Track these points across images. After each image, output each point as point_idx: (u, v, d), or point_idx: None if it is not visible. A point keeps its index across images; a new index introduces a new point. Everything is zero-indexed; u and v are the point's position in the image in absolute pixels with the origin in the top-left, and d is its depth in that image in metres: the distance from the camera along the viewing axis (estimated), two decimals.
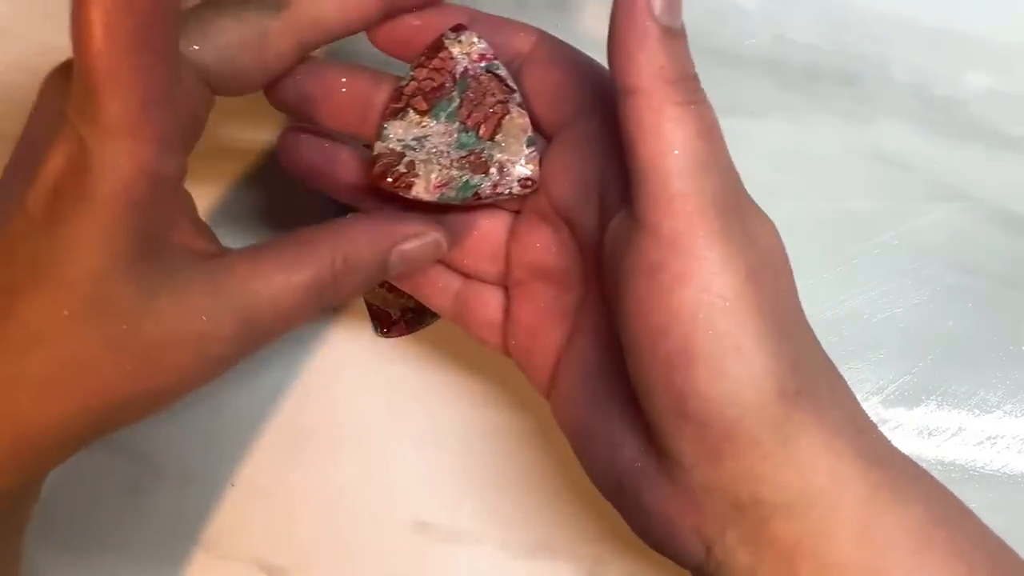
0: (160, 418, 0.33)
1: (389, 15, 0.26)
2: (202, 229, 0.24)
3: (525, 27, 0.27)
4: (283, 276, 0.23)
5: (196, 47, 0.23)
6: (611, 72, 0.21)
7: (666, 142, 0.20)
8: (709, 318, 0.20)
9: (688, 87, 0.21)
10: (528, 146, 0.26)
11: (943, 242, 0.34)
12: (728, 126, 0.22)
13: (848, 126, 0.35)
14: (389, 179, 0.25)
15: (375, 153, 0.26)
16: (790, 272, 0.22)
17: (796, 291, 0.22)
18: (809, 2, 0.35)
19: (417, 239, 0.25)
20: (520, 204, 0.27)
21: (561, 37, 0.27)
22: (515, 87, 0.26)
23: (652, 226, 0.21)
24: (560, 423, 0.26)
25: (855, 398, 0.23)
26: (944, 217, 0.34)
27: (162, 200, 0.22)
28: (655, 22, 0.20)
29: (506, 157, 0.25)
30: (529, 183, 0.26)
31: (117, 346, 0.21)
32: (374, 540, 0.33)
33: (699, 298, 0.20)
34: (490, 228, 0.28)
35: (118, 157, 0.20)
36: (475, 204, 0.26)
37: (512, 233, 0.27)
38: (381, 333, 0.33)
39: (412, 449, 0.33)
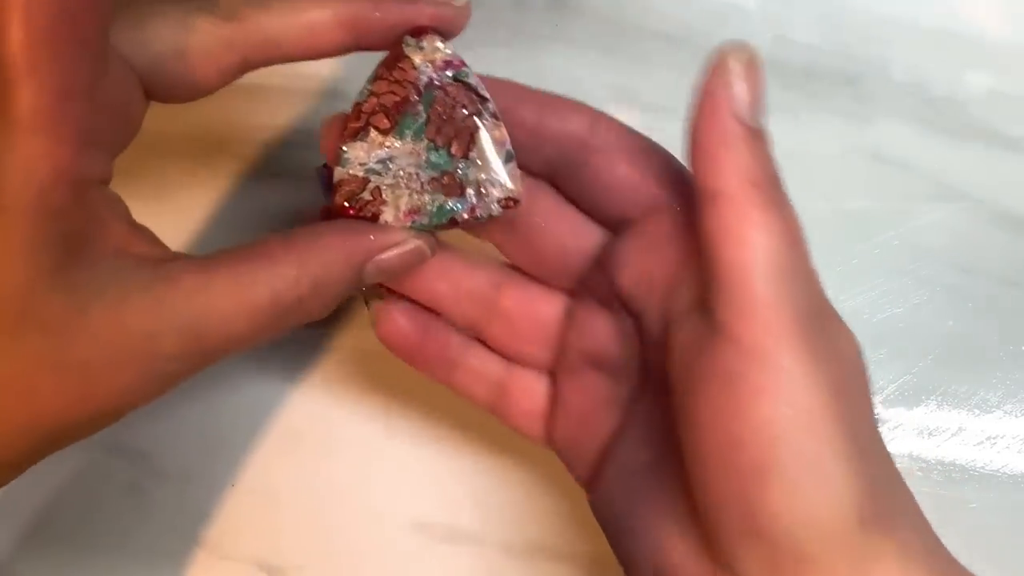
0: (160, 418, 0.33)
1: (360, 47, 0.23)
2: (139, 232, 0.22)
3: (577, 106, 0.25)
4: (235, 293, 0.21)
5: (129, 46, 0.21)
6: (693, 172, 0.21)
7: (750, 248, 0.19)
8: (789, 434, 0.19)
9: (773, 190, 0.20)
10: (507, 161, 0.23)
11: (943, 242, 0.34)
12: None
13: (848, 126, 0.35)
14: (352, 209, 0.23)
15: (335, 180, 0.23)
16: (869, 387, 0.21)
17: (873, 407, 0.21)
18: (809, 2, 0.35)
19: (397, 248, 0.23)
20: (576, 285, 0.26)
21: (561, 37, 0.26)
22: (487, 95, 0.23)
23: (732, 334, 0.20)
24: (599, 516, 0.25)
25: (921, 511, 0.22)
26: (944, 217, 0.34)
27: (86, 204, 0.20)
28: (739, 122, 0.20)
29: (484, 176, 0.23)
30: (511, 203, 0.23)
31: (50, 365, 0.20)
32: (374, 540, 0.33)
33: (780, 413, 0.19)
34: (545, 311, 0.26)
35: (32, 158, 0.18)
36: (452, 228, 0.24)
37: (569, 317, 0.26)
38: None
39: (412, 449, 0.33)
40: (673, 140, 0.35)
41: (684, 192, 0.23)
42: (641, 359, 0.25)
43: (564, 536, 0.33)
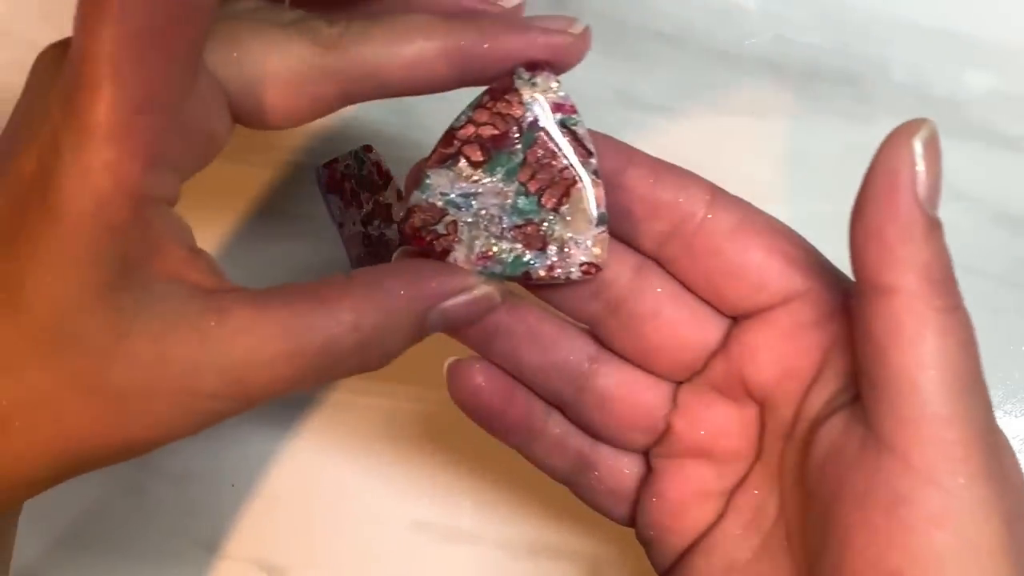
0: None
1: (465, 82, 0.21)
2: (198, 259, 0.20)
3: (696, 178, 0.22)
4: (286, 336, 0.19)
5: (222, 65, 0.20)
6: (858, 260, 0.19)
7: (928, 354, 0.18)
8: (959, 568, 0.17)
9: (952, 290, 0.18)
10: (599, 224, 0.21)
11: None
12: (728, 126, 0.22)
13: (848, 126, 0.35)
14: (424, 238, 0.22)
15: (411, 204, 0.22)
16: None
17: None
18: (809, 2, 0.35)
19: (464, 295, 0.21)
20: (680, 374, 0.24)
21: None
22: (593, 149, 0.21)
23: (900, 452, 0.18)
24: None
25: None
26: (944, 217, 0.34)
27: (146, 224, 0.19)
28: (922, 211, 0.18)
29: (570, 234, 0.21)
30: (592, 270, 0.22)
31: (83, 387, 0.18)
32: (374, 540, 0.33)
33: (950, 544, 0.17)
34: (649, 399, 0.24)
35: (96, 168, 0.17)
36: (524, 283, 0.22)
37: (678, 407, 0.24)
38: None
39: (412, 449, 0.33)
40: (673, 140, 0.35)
41: (824, 279, 0.21)
42: (756, 448, 0.23)
43: (564, 536, 0.33)
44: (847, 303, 0.20)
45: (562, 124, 0.21)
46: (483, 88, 0.22)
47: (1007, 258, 0.34)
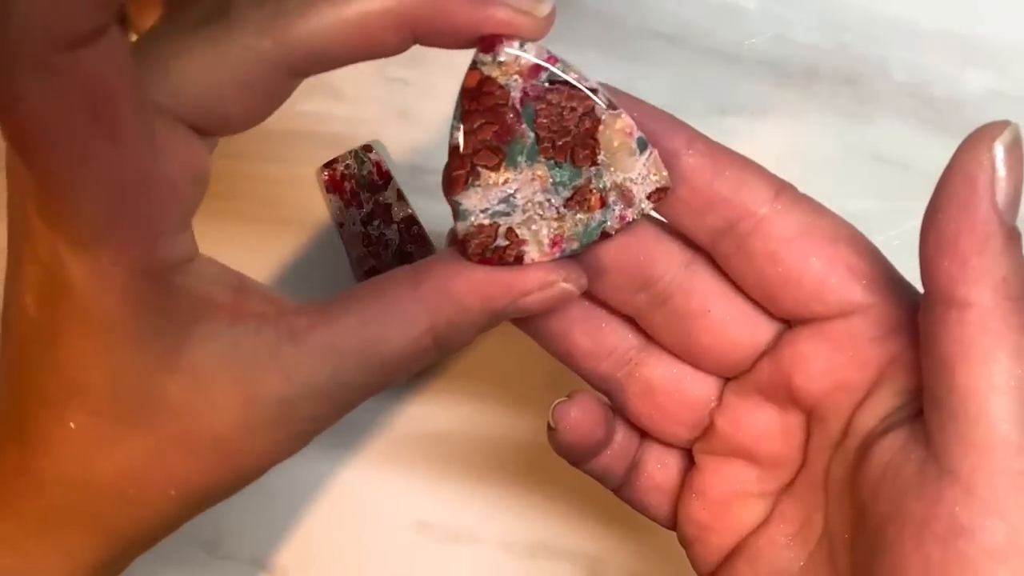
0: None
1: (418, 39, 0.20)
2: (249, 292, 0.20)
3: (760, 173, 0.20)
4: (367, 349, 0.20)
5: (164, 97, 0.18)
6: (930, 270, 0.17)
7: (1001, 375, 0.16)
8: None
9: None
10: (643, 150, 0.20)
11: None
12: (728, 126, 0.22)
13: (848, 126, 0.35)
14: (492, 258, 0.21)
15: (460, 237, 0.21)
16: None
17: None
18: (809, 2, 0.35)
19: (540, 292, 0.21)
20: (731, 373, 0.23)
21: (561, 38, 0.26)
22: (595, 85, 0.20)
23: (963, 479, 0.17)
24: None
25: None
26: None
27: (178, 288, 0.19)
28: (1001, 221, 0.16)
29: (622, 176, 0.20)
30: (663, 193, 0.20)
31: (182, 444, 0.19)
32: (374, 540, 0.33)
33: None
34: (695, 394, 0.23)
35: (102, 269, 0.17)
36: (605, 241, 0.21)
37: (722, 405, 0.23)
38: None
39: (412, 449, 0.33)
40: None
41: (890, 293, 0.20)
42: (803, 456, 0.22)
43: (564, 536, 0.33)
44: (913, 318, 0.19)
45: (550, 82, 0.20)
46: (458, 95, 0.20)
47: None
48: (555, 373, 0.33)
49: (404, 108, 0.34)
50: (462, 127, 0.20)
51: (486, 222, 0.20)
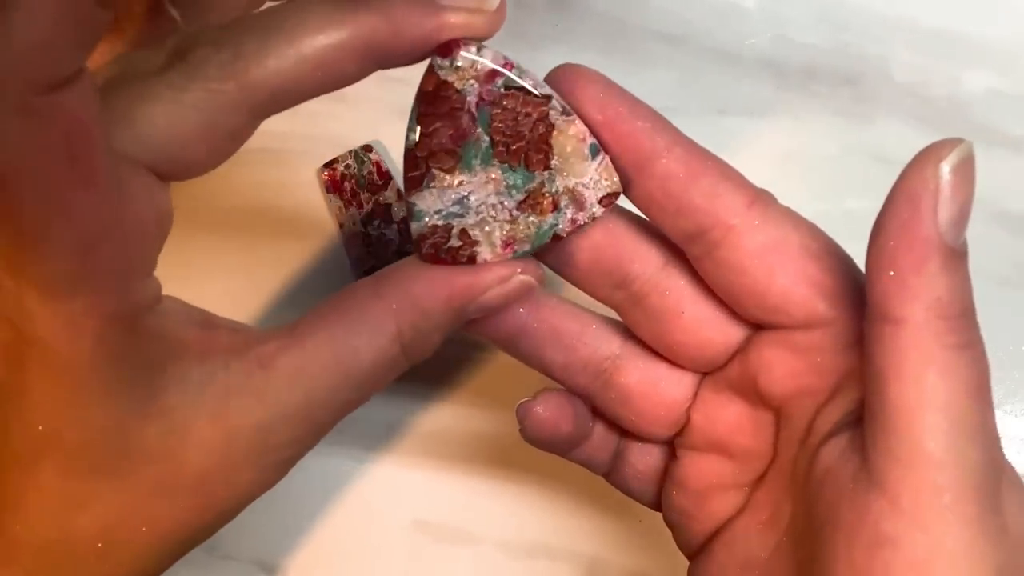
0: None
1: (378, 68, 0.20)
2: (215, 328, 0.20)
3: (734, 183, 0.20)
4: (338, 365, 0.20)
5: (127, 145, 0.18)
6: (870, 286, 0.18)
7: (926, 393, 0.17)
8: None
9: (967, 326, 0.17)
10: (594, 156, 0.21)
11: None
12: (728, 126, 0.22)
13: (848, 126, 0.35)
14: (445, 258, 0.21)
15: (415, 236, 0.21)
16: None
17: None
18: (809, 2, 0.35)
19: (500, 288, 0.21)
20: (705, 369, 0.23)
21: (561, 38, 0.26)
22: (549, 92, 0.20)
23: (889, 491, 0.17)
24: None
25: None
26: None
27: (147, 331, 0.18)
28: (941, 241, 0.17)
29: (574, 181, 0.21)
30: (613, 198, 0.21)
31: (164, 490, 0.19)
32: (374, 540, 0.33)
33: None
34: (669, 394, 0.23)
35: (73, 320, 0.17)
36: (557, 243, 0.22)
37: (698, 400, 0.23)
38: None
39: (412, 449, 0.33)
40: None
41: (854, 308, 0.20)
42: (773, 450, 0.22)
43: (564, 536, 0.33)
44: None
45: (506, 87, 0.20)
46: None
47: (1007, 258, 0.34)
48: None
49: (404, 108, 0.34)
50: (419, 129, 0.20)
51: (440, 223, 0.21)
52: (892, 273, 0.17)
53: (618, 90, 0.21)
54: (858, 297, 0.20)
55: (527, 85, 0.20)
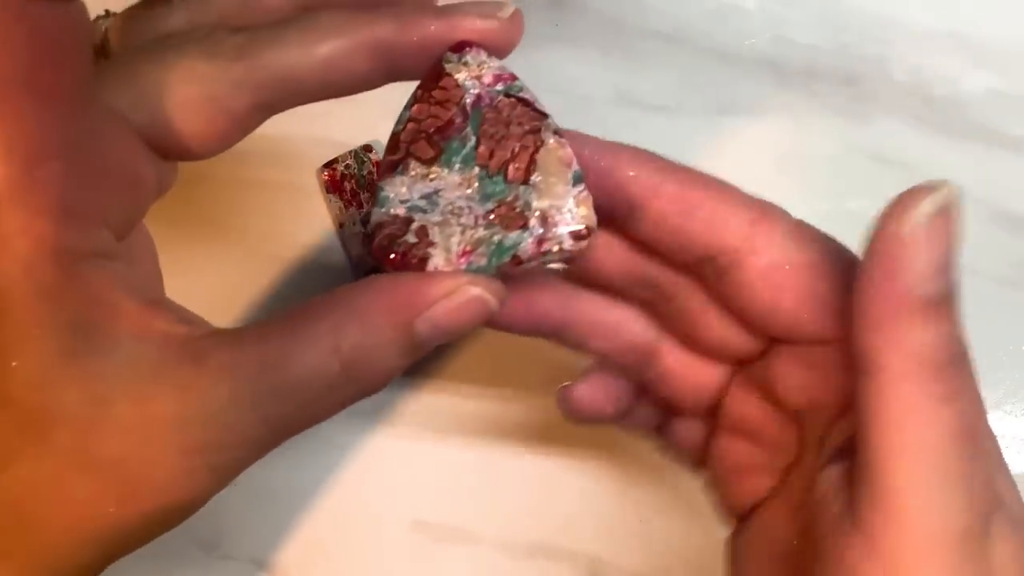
0: None
1: (393, 76, 0.20)
2: (159, 310, 0.19)
3: (734, 205, 0.20)
4: (265, 372, 0.18)
5: (125, 102, 0.18)
6: (853, 330, 0.17)
7: (908, 443, 0.17)
8: None
9: (954, 374, 0.17)
10: (575, 184, 0.19)
11: None
12: (728, 126, 0.22)
13: (848, 126, 0.35)
14: (394, 254, 0.19)
15: (372, 223, 0.20)
16: None
17: None
18: (809, 2, 0.35)
19: (449, 300, 0.19)
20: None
21: (561, 37, 0.26)
22: (546, 110, 0.20)
23: (869, 534, 0.17)
24: (732, 555, 0.23)
25: None
26: None
27: (85, 283, 0.17)
28: (918, 291, 0.16)
29: (548, 203, 0.19)
30: (584, 233, 0.19)
31: (79, 464, 0.17)
32: (374, 540, 0.33)
33: None
34: (706, 379, 0.23)
35: (8, 236, 0.16)
36: (515, 272, 0.20)
37: (731, 388, 0.23)
38: None
39: (412, 448, 0.33)
40: (673, 140, 0.35)
41: None
42: (799, 447, 0.22)
43: (564, 536, 0.33)
44: None
45: (506, 94, 0.20)
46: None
47: (1007, 258, 0.34)
48: (557, 372, 0.33)
49: None
50: (409, 113, 0.20)
51: (401, 212, 0.20)
52: (871, 324, 0.17)
53: (598, 144, 0.21)
54: None
55: (528, 97, 0.20)
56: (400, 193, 0.20)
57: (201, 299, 0.21)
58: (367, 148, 0.34)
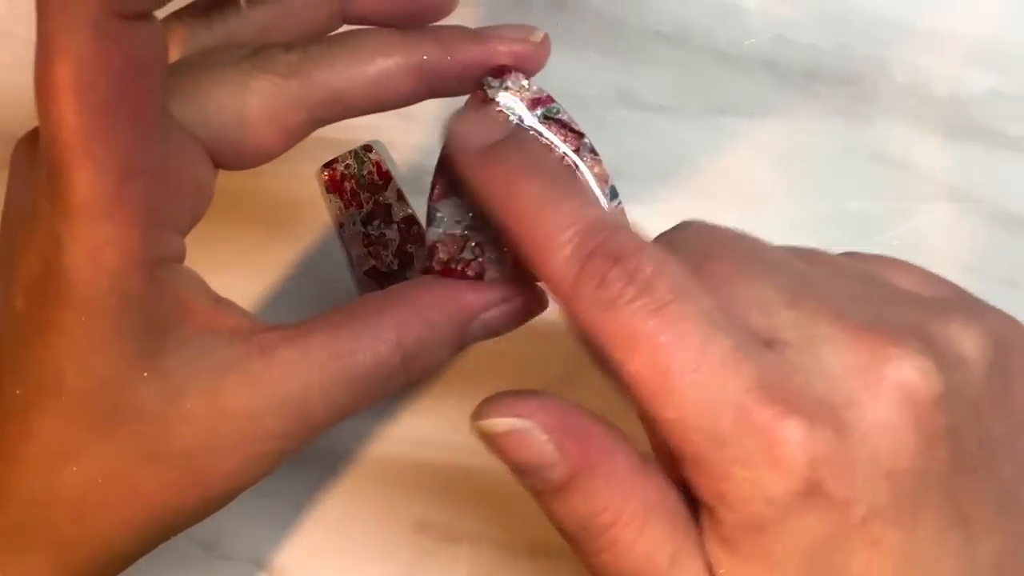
0: None
1: (433, 94, 0.22)
2: (224, 307, 0.21)
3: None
4: (335, 364, 0.20)
5: (190, 116, 0.20)
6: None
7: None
8: None
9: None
10: (612, 198, 0.21)
11: (943, 242, 0.34)
12: (728, 126, 0.22)
13: (848, 126, 0.35)
14: (455, 269, 0.22)
15: (429, 243, 0.22)
16: None
17: None
18: (809, 2, 0.35)
19: (504, 305, 0.21)
20: None
21: (561, 37, 0.26)
22: (582, 130, 0.22)
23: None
24: None
25: None
26: (944, 217, 0.34)
27: (163, 286, 0.19)
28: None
29: None
30: None
31: (150, 456, 0.19)
32: (374, 540, 0.33)
33: None
34: None
35: (99, 247, 0.17)
36: None
37: None
38: None
39: (413, 448, 0.33)
40: (673, 140, 0.35)
41: None
42: None
43: None
44: None
45: (545, 117, 0.21)
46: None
47: (1007, 258, 0.34)
48: (558, 374, 0.33)
49: (404, 108, 0.34)
50: None
51: (457, 232, 0.21)
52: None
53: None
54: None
55: (564, 119, 0.21)
56: (454, 214, 0.21)
57: None
58: (367, 148, 0.34)
